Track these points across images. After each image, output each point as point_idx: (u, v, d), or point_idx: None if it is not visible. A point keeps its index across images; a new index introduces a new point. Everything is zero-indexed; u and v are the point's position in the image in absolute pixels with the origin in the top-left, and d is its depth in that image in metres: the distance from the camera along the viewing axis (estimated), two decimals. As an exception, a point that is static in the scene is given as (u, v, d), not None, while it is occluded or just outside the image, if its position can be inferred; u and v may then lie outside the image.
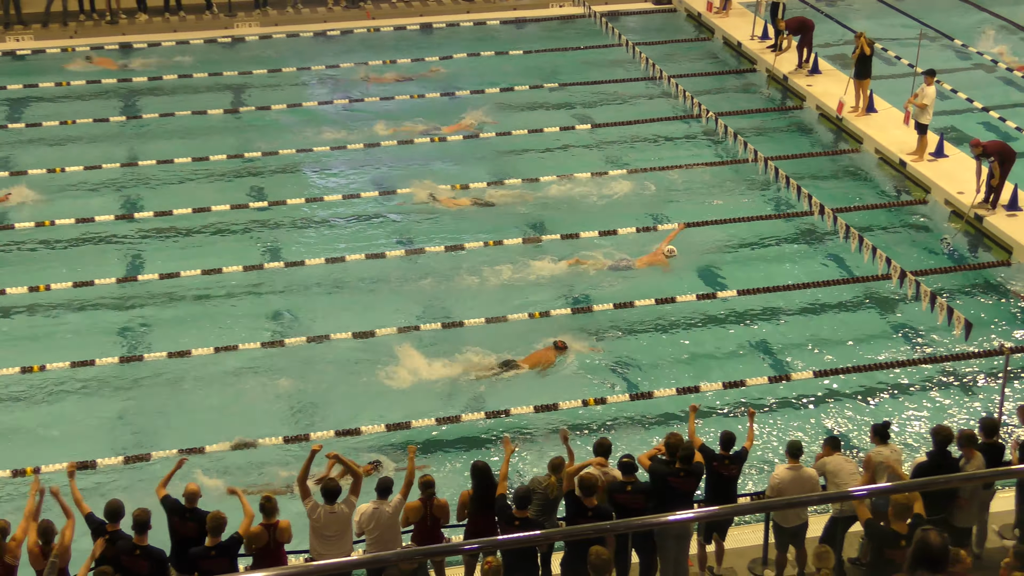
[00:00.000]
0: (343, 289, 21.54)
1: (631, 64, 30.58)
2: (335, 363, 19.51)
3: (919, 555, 9.15)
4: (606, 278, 21.55)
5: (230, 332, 20.23)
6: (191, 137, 27.13)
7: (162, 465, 16.85)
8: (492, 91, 29.29)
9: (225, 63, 31.10)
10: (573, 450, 14.31)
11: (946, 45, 31.33)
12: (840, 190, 24.84)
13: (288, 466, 16.90)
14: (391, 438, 17.66)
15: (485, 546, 12.55)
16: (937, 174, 24.14)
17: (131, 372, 19.29)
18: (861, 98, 26.72)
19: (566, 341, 19.57)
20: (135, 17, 33.33)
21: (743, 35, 31.77)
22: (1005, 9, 33.67)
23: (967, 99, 28.11)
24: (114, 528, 12.88)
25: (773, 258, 22.45)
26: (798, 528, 13.98)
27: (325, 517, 13.25)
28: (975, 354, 19.34)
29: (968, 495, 13.92)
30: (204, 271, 21.61)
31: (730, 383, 18.69)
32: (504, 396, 18.53)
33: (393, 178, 25.21)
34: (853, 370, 19.01)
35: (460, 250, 22.36)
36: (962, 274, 21.79)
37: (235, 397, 18.83)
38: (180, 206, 23.85)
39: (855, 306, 21.06)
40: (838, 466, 13.96)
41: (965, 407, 18.39)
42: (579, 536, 12.73)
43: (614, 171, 25.48)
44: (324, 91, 29.76)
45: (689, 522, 13.65)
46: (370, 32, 33.30)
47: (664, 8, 35.43)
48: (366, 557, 12.99)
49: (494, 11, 34.86)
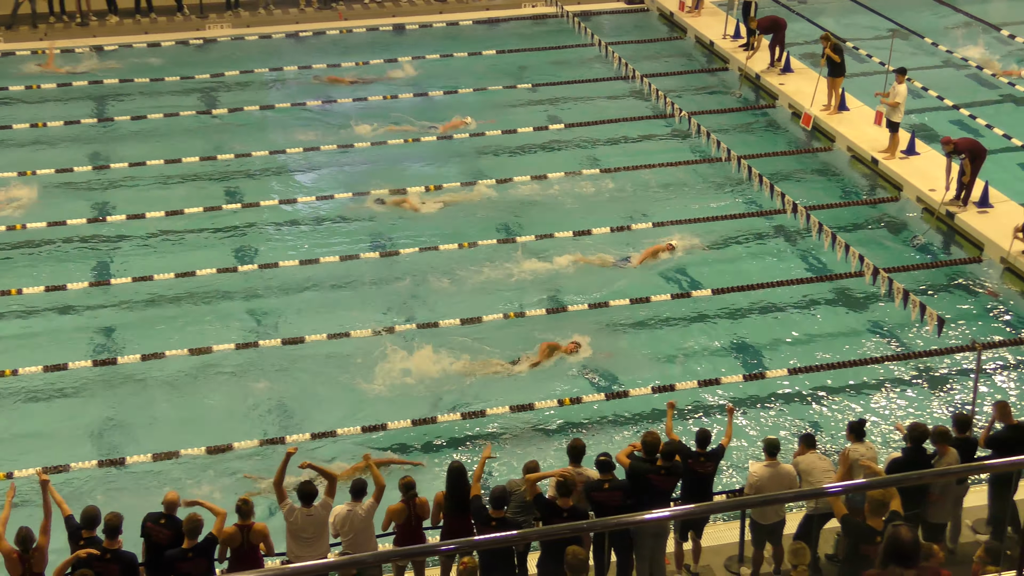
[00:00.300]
0: (318, 290, 21.50)
1: (604, 63, 30.62)
2: (310, 365, 19.47)
3: (890, 550, 9.24)
4: (588, 277, 21.58)
5: (204, 334, 20.15)
6: (163, 139, 27.02)
7: (139, 468, 16.84)
8: (465, 91, 29.29)
9: (197, 65, 30.98)
10: (542, 468, 14.32)
11: (917, 43, 31.49)
12: (813, 188, 24.94)
13: (266, 468, 16.88)
14: (367, 440, 17.63)
15: (462, 546, 12.53)
16: (909, 172, 24.28)
17: (104, 375, 19.19)
18: (833, 97, 26.83)
19: (580, 343, 19.67)
20: (106, 19, 33.18)
21: (715, 34, 31.86)
22: (975, 7, 33.86)
23: (938, 97, 28.27)
24: (90, 534, 12.81)
25: (746, 256, 22.52)
26: (775, 525, 14.02)
27: (302, 520, 13.23)
28: (947, 350, 19.45)
29: (941, 491, 13.99)
30: (177, 274, 21.53)
31: (705, 381, 18.75)
32: (480, 396, 18.55)
33: (367, 179, 25.17)
34: (827, 367, 19.09)
35: (434, 250, 22.36)
36: (934, 271, 21.91)
37: (210, 400, 18.77)
38: (153, 208, 23.76)
39: (829, 303, 21.15)
40: (811, 464, 14.02)
41: (938, 403, 18.49)
42: (556, 536, 12.74)
43: (587, 170, 25.52)
44: (290, 93, 29.61)
45: (666, 520, 13.65)
46: (342, 33, 33.23)
47: (636, 8, 35.49)
48: (343, 559, 12.97)
49: (466, 11, 34.84)
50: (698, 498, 13.95)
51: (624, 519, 12.95)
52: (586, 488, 13.47)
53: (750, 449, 17.36)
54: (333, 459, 16.97)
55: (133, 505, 14.14)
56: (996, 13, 33.84)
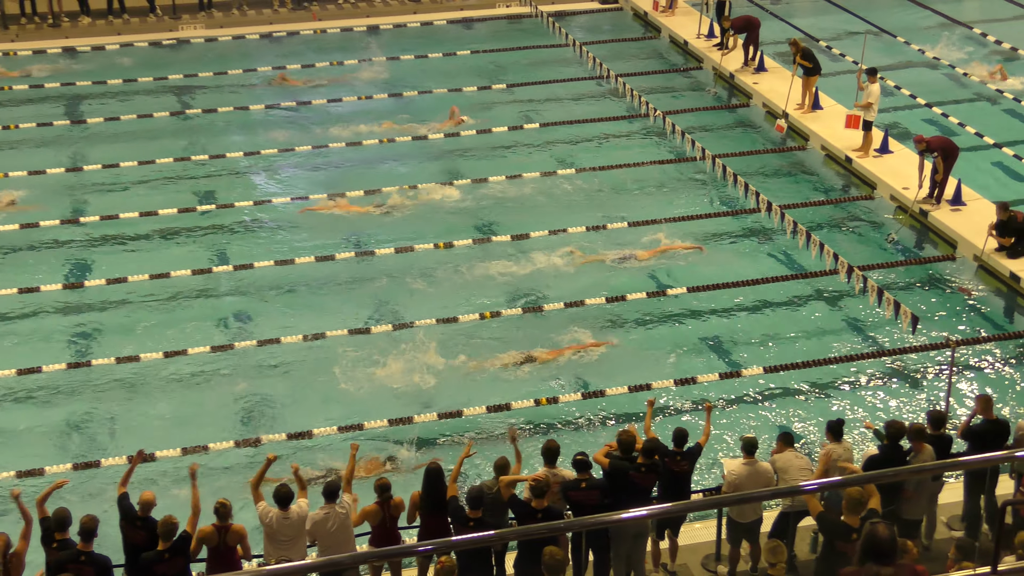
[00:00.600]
0: (294, 291, 21.45)
1: (578, 63, 30.64)
2: (286, 366, 19.43)
3: (867, 547, 9.27)
4: (558, 278, 21.61)
5: (179, 336, 20.08)
6: (137, 140, 26.91)
7: (114, 471, 16.76)
8: (440, 91, 29.28)
9: (170, 65, 30.86)
10: (520, 451, 14.32)
11: (889, 42, 31.63)
12: (787, 187, 25.03)
13: (244, 470, 16.85)
14: (348, 438, 17.61)
15: (440, 547, 12.52)
16: (883, 170, 24.39)
17: (79, 378, 19.10)
18: (807, 96, 26.92)
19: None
20: (78, 20, 33.00)
21: (689, 34, 31.93)
22: (948, 7, 34.04)
23: (911, 95, 28.40)
24: (63, 537, 12.76)
25: (721, 255, 22.56)
26: (753, 523, 14.06)
27: (277, 523, 13.19)
28: (922, 347, 19.55)
29: (915, 487, 14.06)
30: (152, 275, 21.45)
31: (681, 380, 18.78)
32: (457, 397, 18.55)
33: (343, 180, 25.15)
34: (802, 365, 19.16)
35: (410, 251, 22.34)
36: (908, 269, 22.00)
37: (185, 402, 18.70)
38: (127, 210, 23.66)
39: (803, 302, 21.22)
40: (787, 462, 14.06)
41: (913, 400, 18.58)
42: (533, 536, 12.74)
43: (563, 170, 25.54)
44: (264, 94, 29.54)
45: (644, 520, 13.65)
46: (316, 33, 33.16)
47: (611, 7, 35.54)
48: (319, 561, 12.93)
49: (441, 11, 34.82)
50: (675, 497, 13.97)
51: (601, 518, 12.96)
52: (563, 487, 13.47)
53: (728, 448, 17.41)
54: (321, 460, 16.95)
55: (109, 508, 14.04)
56: (968, 12, 34.02)
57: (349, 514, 13.41)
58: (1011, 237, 21.01)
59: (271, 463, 13.67)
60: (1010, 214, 20.95)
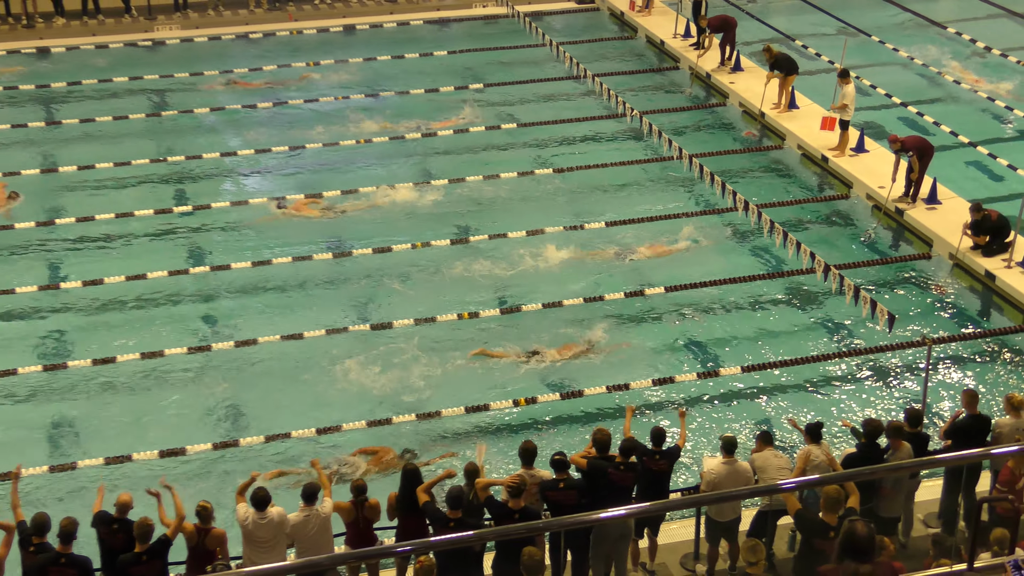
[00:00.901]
0: (271, 292, 21.40)
1: (555, 63, 30.66)
2: (264, 366, 19.39)
3: (846, 544, 9.33)
4: (530, 279, 21.63)
5: (156, 338, 20.00)
6: (112, 141, 26.80)
7: (89, 473, 16.71)
8: (417, 91, 29.25)
9: (145, 66, 30.73)
10: (484, 466, 14.38)
11: (864, 41, 31.76)
12: (764, 186, 25.10)
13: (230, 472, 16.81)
14: (321, 441, 17.60)
15: (418, 547, 12.50)
16: (859, 169, 24.49)
17: (55, 380, 19.00)
18: (784, 95, 27.00)
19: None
20: (52, 21, 32.82)
21: (666, 33, 31.99)
22: (922, 6, 34.20)
23: (886, 95, 28.51)
24: (40, 540, 12.69)
25: (698, 254, 22.59)
26: (731, 522, 14.08)
27: (254, 525, 13.13)
28: (898, 346, 19.63)
29: (893, 485, 14.11)
30: (128, 277, 21.37)
31: (659, 380, 18.81)
32: (434, 399, 18.54)
33: (319, 180, 25.12)
34: (780, 364, 19.22)
35: (387, 251, 22.32)
36: (884, 267, 22.09)
37: (162, 403, 18.63)
38: (102, 211, 23.55)
39: (780, 301, 21.28)
40: (766, 461, 14.10)
41: (889, 398, 18.66)
42: (511, 536, 12.73)
43: (540, 171, 25.56)
44: (239, 95, 29.47)
45: (625, 519, 13.65)
46: (293, 34, 33.08)
47: (587, 7, 35.57)
48: (297, 562, 12.90)
49: (417, 12, 34.78)
50: (654, 496, 13.97)
51: (580, 518, 12.96)
52: (541, 487, 13.48)
53: (705, 447, 17.45)
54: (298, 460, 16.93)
55: (87, 510, 13.96)
56: (942, 11, 34.18)
57: (329, 516, 13.40)
58: (986, 235, 21.12)
59: (254, 480, 13.69)
60: (984, 213, 21.05)
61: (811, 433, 14.35)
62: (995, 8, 34.14)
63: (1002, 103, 28.01)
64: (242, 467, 16.82)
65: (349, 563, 14.03)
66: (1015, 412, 14.51)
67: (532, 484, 13.53)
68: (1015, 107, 27.63)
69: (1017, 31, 32.98)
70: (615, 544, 13.67)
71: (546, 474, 13.70)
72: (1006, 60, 30.45)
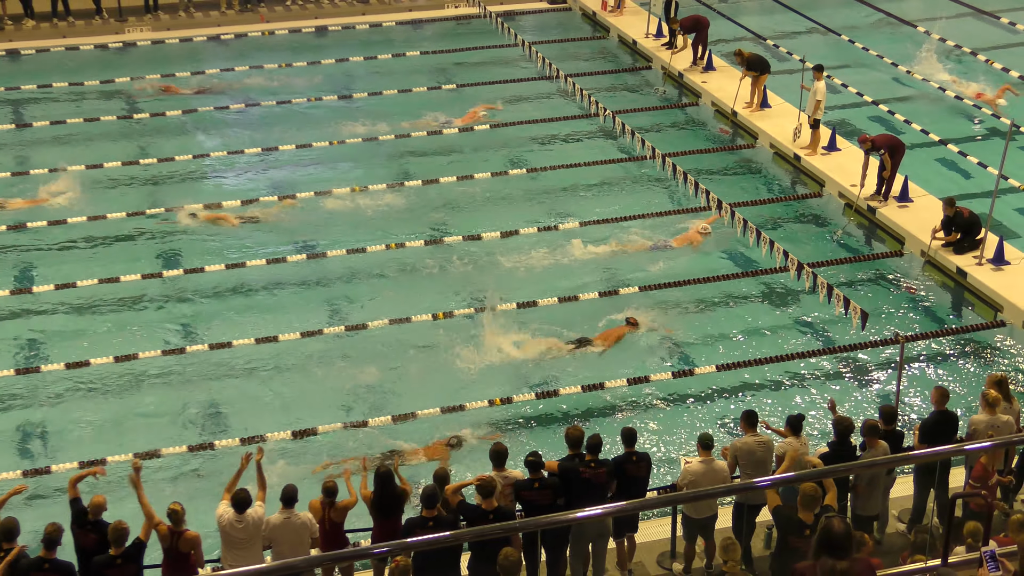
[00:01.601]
0: (245, 294, 21.36)
1: (527, 63, 30.69)
2: (239, 369, 19.36)
3: (823, 541, 9.34)
4: (517, 277, 21.66)
5: (130, 341, 19.93)
6: (84, 144, 26.67)
7: (64, 477, 16.62)
8: (390, 92, 29.24)
9: (117, 68, 30.59)
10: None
11: (835, 40, 31.92)
12: (737, 185, 25.19)
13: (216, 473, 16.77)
14: (301, 445, 17.59)
15: (394, 548, 12.49)
16: (831, 167, 24.61)
17: (29, 384, 18.91)
18: (756, 94, 27.11)
19: (636, 318, 20.10)
20: (22, 23, 32.62)
21: (638, 33, 32.06)
22: (891, 5, 34.38)
23: (857, 93, 28.65)
24: (10, 546, 12.61)
25: (671, 254, 22.66)
26: (708, 520, 14.12)
27: (231, 527, 13.10)
28: (871, 343, 19.74)
29: (868, 483, 14.18)
30: (101, 280, 21.29)
31: (634, 379, 18.86)
32: (414, 399, 18.56)
33: (292, 181, 25.09)
34: (754, 363, 19.29)
35: (362, 252, 22.31)
36: (857, 265, 22.21)
37: (136, 407, 18.57)
38: (74, 214, 23.42)
39: (754, 299, 21.36)
40: (748, 449, 14.09)
41: (863, 395, 18.76)
42: (487, 536, 12.73)
43: (513, 171, 25.58)
44: (212, 96, 29.42)
45: (603, 519, 13.66)
46: (264, 35, 33.00)
47: (559, 7, 35.61)
48: (273, 564, 12.88)
49: (389, 12, 34.74)
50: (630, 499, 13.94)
51: (556, 517, 12.97)
52: (516, 487, 13.47)
53: (677, 446, 17.52)
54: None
55: (61, 514, 13.89)
56: (912, 11, 34.37)
57: (307, 524, 13.39)
58: (958, 233, 21.26)
59: (245, 466, 13.67)
60: (956, 209, 21.20)
61: (792, 425, 14.37)
62: (964, 7, 34.36)
63: (970, 101, 28.18)
64: (214, 467, 16.84)
65: (325, 565, 14.02)
66: (990, 409, 14.61)
67: (505, 485, 13.53)
68: (982, 105, 27.79)
69: (985, 29, 33.21)
70: (594, 542, 13.69)
71: (518, 474, 13.69)
72: (975, 59, 30.64)
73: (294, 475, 16.18)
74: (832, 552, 9.29)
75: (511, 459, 14.25)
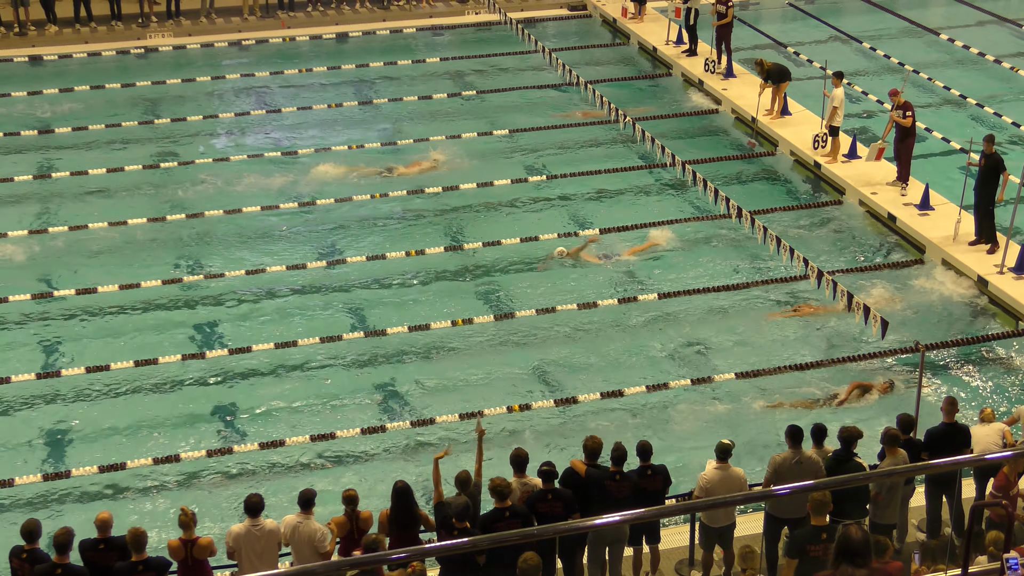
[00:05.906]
0: (268, 300, 21.42)
1: (548, 70, 30.71)
2: (258, 375, 19.41)
3: (841, 549, 9.35)
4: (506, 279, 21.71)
5: (151, 346, 19.99)
6: (105, 149, 26.79)
7: (82, 481, 16.71)
8: (410, 99, 29.31)
9: (138, 74, 30.73)
10: (484, 450, 14.32)
11: (856, 48, 31.85)
12: (757, 192, 25.15)
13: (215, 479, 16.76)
14: (321, 447, 17.64)
15: (413, 554, 12.48)
16: (851, 175, 24.54)
17: (49, 388, 18.98)
18: (776, 102, 27.08)
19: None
20: (44, 29, 32.80)
21: (658, 40, 32.06)
22: (914, 12, 34.30)
23: (878, 101, 28.57)
24: (32, 547, 12.58)
25: (692, 261, 22.64)
26: (725, 528, 14.08)
27: (246, 532, 13.04)
28: (891, 351, 19.66)
29: (887, 491, 14.12)
30: (122, 286, 21.35)
31: (653, 386, 18.84)
32: (430, 404, 18.59)
33: (315, 188, 25.17)
34: (773, 371, 19.23)
35: (382, 259, 22.38)
36: (877, 273, 22.09)
37: (155, 411, 18.62)
38: (95, 220, 23.53)
39: (774, 307, 21.28)
40: (784, 472, 13.93)
41: (882, 404, 18.64)
42: (507, 543, 12.71)
43: (533, 177, 25.60)
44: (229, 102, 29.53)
45: (620, 526, 13.63)
46: (285, 41, 33.12)
47: (579, 14, 35.64)
48: (292, 570, 12.88)
49: (410, 19, 34.79)
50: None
51: (574, 524, 12.96)
52: (528, 501, 13.38)
53: (694, 454, 17.48)
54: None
55: (82, 518, 13.96)
56: (934, 18, 34.31)
57: (277, 533, 13.29)
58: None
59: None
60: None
61: (790, 435, 14.18)
62: (986, 15, 34.25)
63: (991, 108, 28.07)
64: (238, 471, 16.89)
65: (344, 570, 14.01)
66: (988, 424, 14.69)
67: (523, 492, 13.50)
68: (1003, 114, 27.69)
69: (1007, 37, 33.10)
70: (611, 548, 13.66)
71: (537, 482, 13.60)
72: (998, 66, 30.52)
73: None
74: (851, 560, 9.29)
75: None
